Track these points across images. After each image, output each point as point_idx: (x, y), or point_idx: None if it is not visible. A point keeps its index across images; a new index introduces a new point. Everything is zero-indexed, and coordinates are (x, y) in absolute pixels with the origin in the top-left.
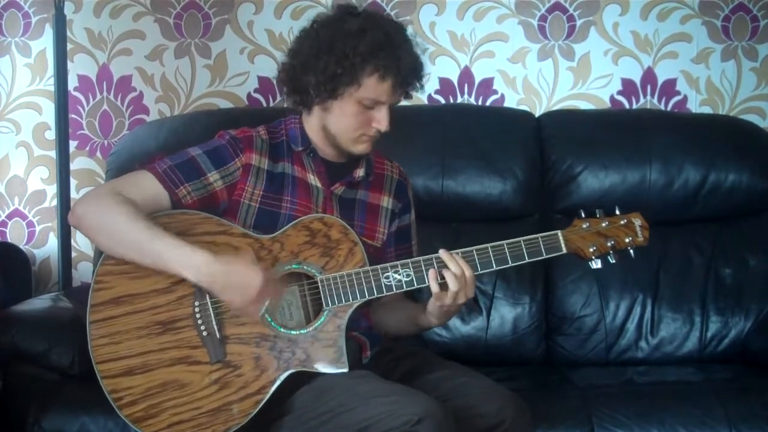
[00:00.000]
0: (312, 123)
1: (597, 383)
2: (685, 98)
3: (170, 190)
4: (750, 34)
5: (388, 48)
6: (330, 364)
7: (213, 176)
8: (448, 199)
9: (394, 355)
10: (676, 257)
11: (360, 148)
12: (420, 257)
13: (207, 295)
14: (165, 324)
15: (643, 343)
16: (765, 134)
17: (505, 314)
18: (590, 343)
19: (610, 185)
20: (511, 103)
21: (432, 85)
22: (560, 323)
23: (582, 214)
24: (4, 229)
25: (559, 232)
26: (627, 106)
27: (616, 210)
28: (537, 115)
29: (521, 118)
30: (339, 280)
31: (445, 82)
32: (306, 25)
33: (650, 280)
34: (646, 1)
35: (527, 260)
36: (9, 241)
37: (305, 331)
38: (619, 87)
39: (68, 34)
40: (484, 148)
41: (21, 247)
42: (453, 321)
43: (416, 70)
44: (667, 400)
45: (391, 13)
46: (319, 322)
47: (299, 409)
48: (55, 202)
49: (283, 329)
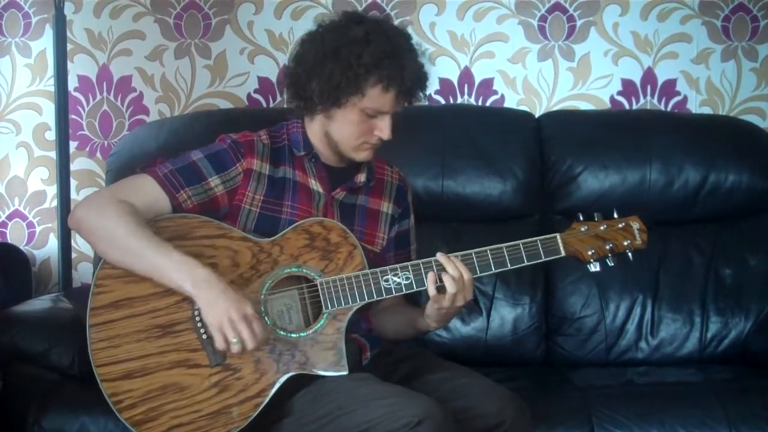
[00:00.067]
0: (314, 128)
1: (597, 384)
2: (685, 98)
3: (171, 195)
4: (750, 35)
5: (393, 58)
6: (330, 366)
7: (214, 181)
8: (448, 199)
9: (394, 356)
10: (676, 257)
11: (362, 155)
12: (419, 260)
13: None
14: (164, 327)
15: (643, 344)
16: (765, 134)
17: (505, 315)
18: (590, 344)
19: (610, 186)
20: (511, 103)
21: (432, 86)
22: (560, 324)
23: (580, 217)
24: (4, 229)
25: (558, 236)
26: (627, 106)
27: (614, 213)
28: (537, 115)
29: (521, 118)
30: (339, 283)
31: (445, 83)
32: (310, 28)
33: (650, 281)
34: (646, 1)
35: (526, 263)
36: (9, 241)
37: (305, 334)
38: (619, 87)
39: (68, 34)
40: (484, 148)
41: (21, 247)
42: (453, 322)
43: (420, 80)
44: (667, 401)
45: (391, 14)
46: (319, 325)
47: (299, 411)
48: (55, 203)
49: (282, 332)
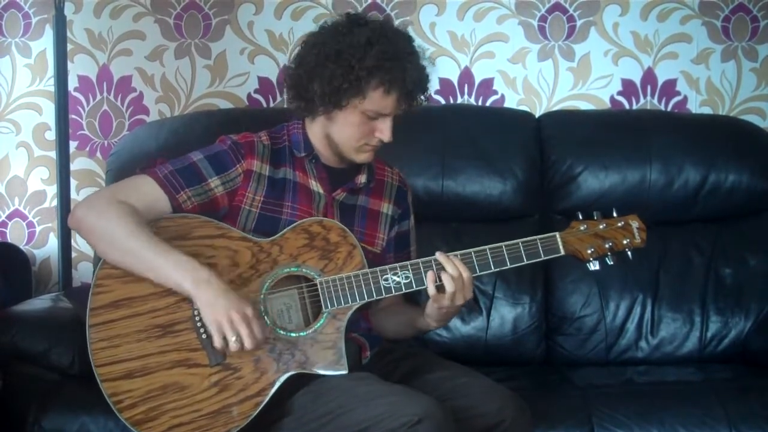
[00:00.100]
0: (315, 130)
1: (597, 383)
2: (685, 99)
3: (171, 195)
4: (750, 35)
5: (394, 62)
6: (329, 365)
7: (214, 182)
8: (448, 199)
9: (394, 355)
10: (676, 257)
11: (362, 157)
12: (419, 259)
13: None
14: (164, 327)
15: (643, 343)
16: (765, 134)
17: (505, 314)
18: (590, 343)
19: (610, 185)
20: (511, 103)
21: (432, 86)
22: (560, 323)
23: (579, 216)
24: (4, 229)
25: (557, 234)
26: (627, 106)
27: (613, 212)
28: (537, 115)
29: (521, 118)
30: (338, 282)
31: (445, 83)
32: (311, 29)
33: (650, 280)
34: (646, 1)
35: (525, 262)
36: (9, 241)
37: (305, 333)
38: (619, 87)
39: (68, 34)
40: (484, 148)
41: (21, 247)
42: (453, 321)
43: (421, 83)
44: (667, 400)
45: (391, 14)
46: (319, 324)
47: (299, 410)
48: (55, 203)
49: (282, 331)
